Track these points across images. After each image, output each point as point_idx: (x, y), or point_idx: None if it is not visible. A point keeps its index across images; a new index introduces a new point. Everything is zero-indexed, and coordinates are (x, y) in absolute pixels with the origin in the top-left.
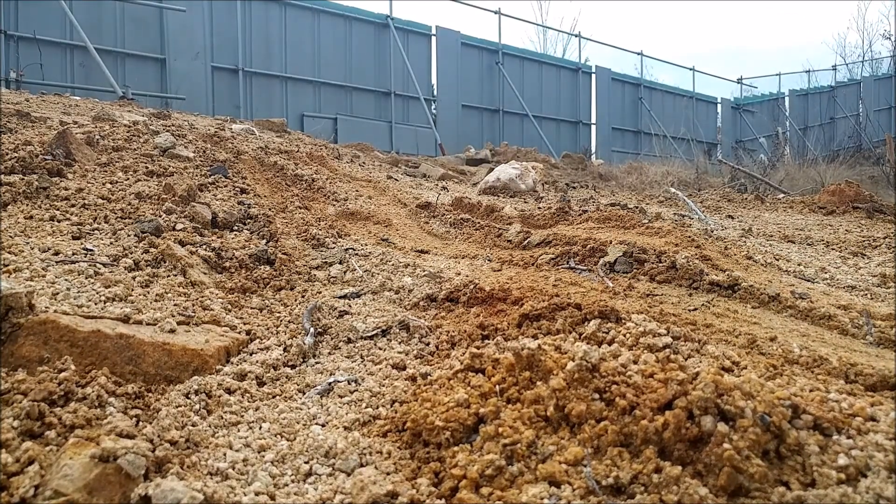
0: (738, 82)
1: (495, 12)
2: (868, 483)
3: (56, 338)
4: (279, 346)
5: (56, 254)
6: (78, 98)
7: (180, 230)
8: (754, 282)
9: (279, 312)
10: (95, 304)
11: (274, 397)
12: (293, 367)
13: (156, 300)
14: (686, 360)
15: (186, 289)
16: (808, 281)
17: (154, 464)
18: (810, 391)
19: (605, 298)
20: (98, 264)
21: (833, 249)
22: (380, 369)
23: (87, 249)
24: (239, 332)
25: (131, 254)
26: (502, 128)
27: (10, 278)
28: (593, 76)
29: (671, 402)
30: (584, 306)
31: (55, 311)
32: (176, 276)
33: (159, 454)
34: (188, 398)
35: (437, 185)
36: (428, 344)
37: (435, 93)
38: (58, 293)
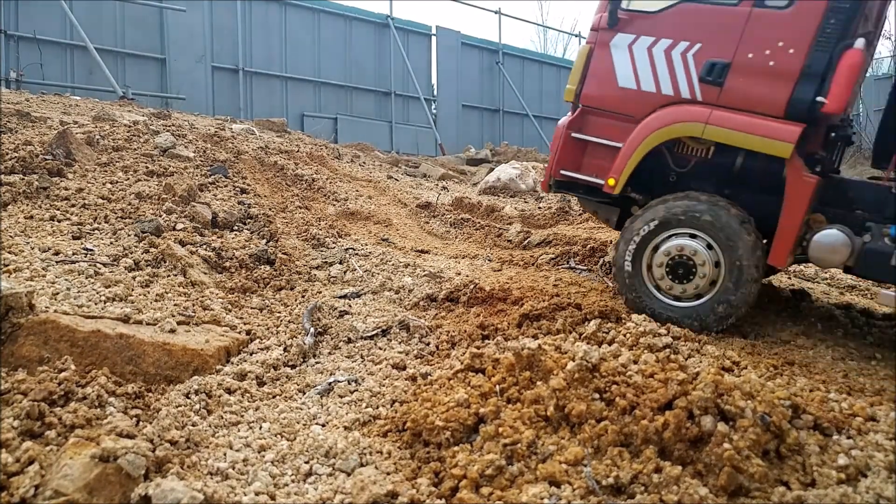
0: None
1: (495, 12)
2: (868, 483)
3: (56, 338)
4: (279, 345)
5: (56, 254)
6: (78, 98)
7: (180, 230)
8: None
9: (279, 312)
10: (95, 303)
11: (274, 397)
12: (293, 366)
13: (156, 300)
14: (686, 359)
15: (187, 289)
16: (808, 280)
17: (154, 464)
18: (810, 391)
19: (605, 298)
20: (98, 264)
21: None
22: (380, 369)
23: (87, 249)
24: (239, 332)
25: (131, 254)
26: (502, 128)
27: (10, 278)
28: None
29: (671, 401)
30: (585, 306)
31: (55, 311)
32: (176, 275)
33: (159, 454)
34: (188, 398)
35: (437, 185)
36: (428, 344)
37: (435, 93)
38: (58, 293)
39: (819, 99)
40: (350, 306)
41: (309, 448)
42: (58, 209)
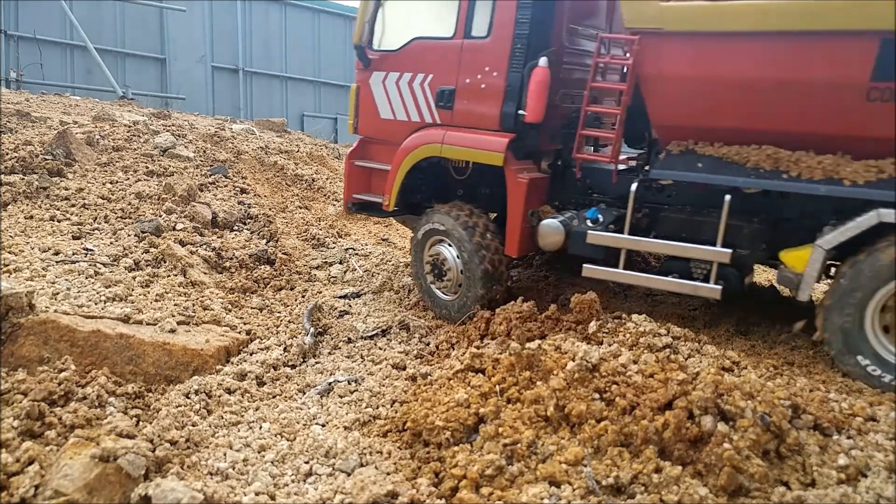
0: None
1: None
2: (868, 483)
3: (56, 338)
4: (279, 345)
5: (56, 254)
6: (78, 98)
7: (180, 230)
8: (753, 281)
9: (279, 312)
10: (96, 303)
11: (274, 397)
12: (293, 366)
13: (156, 300)
14: (686, 359)
15: (187, 289)
16: None
17: (154, 464)
18: (810, 391)
19: (606, 298)
20: (98, 264)
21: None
22: (380, 369)
23: (87, 249)
24: (239, 332)
25: (131, 254)
26: None
27: (10, 278)
28: None
29: (671, 401)
30: None
31: (55, 311)
32: (176, 275)
33: (159, 454)
34: (188, 398)
35: None
36: (428, 344)
37: None
38: (58, 293)
39: (521, 112)
40: (350, 306)
41: (309, 448)
42: (58, 209)
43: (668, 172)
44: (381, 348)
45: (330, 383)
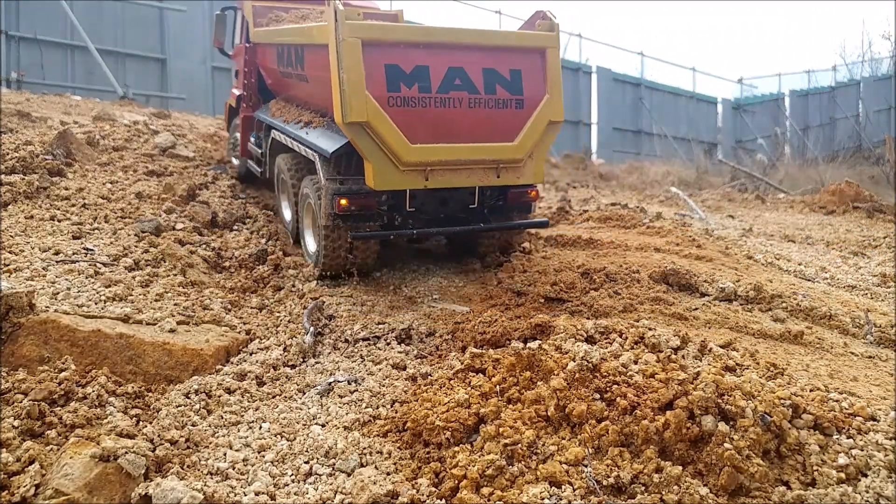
0: (739, 82)
1: (496, 12)
2: (868, 482)
3: (56, 337)
4: (279, 345)
5: (56, 253)
6: (78, 98)
7: (180, 230)
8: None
9: (279, 312)
10: (96, 303)
11: (274, 397)
12: (293, 366)
13: (156, 300)
14: (687, 359)
15: (186, 288)
16: (809, 280)
17: (154, 463)
18: (811, 391)
19: (612, 300)
20: (98, 264)
21: (833, 249)
22: (380, 369)
23: (87, 249)
24: (239, 332)
25: (131, 253)
26: None
27: (10, 278)
28: (594, 76)
29: (672, 401)
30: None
31: (56, 311)
32: (176, 275)
33: (159, 454)
34: (188, 398)
35: None
36: (428, 344)
37: None
38: (58, 293)
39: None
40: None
41: (309, 448)
42: (58, 209)
43: (256, 113)
44: (380, 348)
45: (330, 383)
